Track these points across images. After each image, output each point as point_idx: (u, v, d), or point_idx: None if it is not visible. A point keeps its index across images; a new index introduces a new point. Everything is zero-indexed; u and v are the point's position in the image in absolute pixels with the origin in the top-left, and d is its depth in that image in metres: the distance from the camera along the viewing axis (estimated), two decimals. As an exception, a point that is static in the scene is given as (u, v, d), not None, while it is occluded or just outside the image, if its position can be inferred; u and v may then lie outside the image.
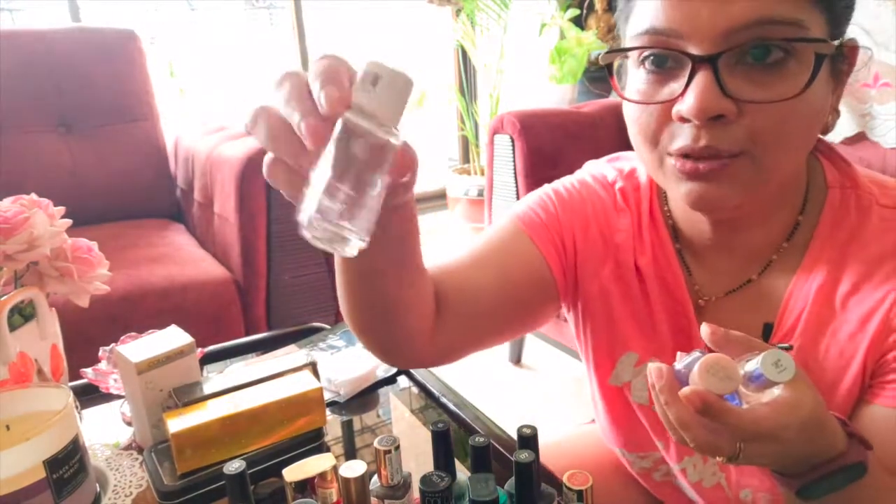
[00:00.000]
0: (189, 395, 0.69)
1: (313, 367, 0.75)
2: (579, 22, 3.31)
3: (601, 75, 3.37)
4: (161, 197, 1.99)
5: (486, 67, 3.23)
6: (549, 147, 1.91)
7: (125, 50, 1.98)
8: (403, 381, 0.90)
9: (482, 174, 3.17)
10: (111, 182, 1.90)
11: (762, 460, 0.45)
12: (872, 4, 1.60)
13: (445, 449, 0.54)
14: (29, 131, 1.83)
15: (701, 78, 0.47)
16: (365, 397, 0.86)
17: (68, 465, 0.57)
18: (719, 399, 0.41)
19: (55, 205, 0.77)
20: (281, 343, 0.99)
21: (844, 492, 0.46)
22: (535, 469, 0.50)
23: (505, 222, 0.66)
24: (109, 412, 0.82)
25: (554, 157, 1.92)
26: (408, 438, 0.77)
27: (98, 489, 0.63)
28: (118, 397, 0.81)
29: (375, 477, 0.53)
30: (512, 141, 1.91)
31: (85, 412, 0.82)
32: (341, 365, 0.87)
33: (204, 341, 0.84)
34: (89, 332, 1.08)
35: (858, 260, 0.54)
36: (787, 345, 0.54)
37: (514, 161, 1.92)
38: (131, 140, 1.96)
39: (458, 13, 3.25)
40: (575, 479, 0.49)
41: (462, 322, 0.63)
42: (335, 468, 0.53)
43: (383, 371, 0.89)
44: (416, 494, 0.52)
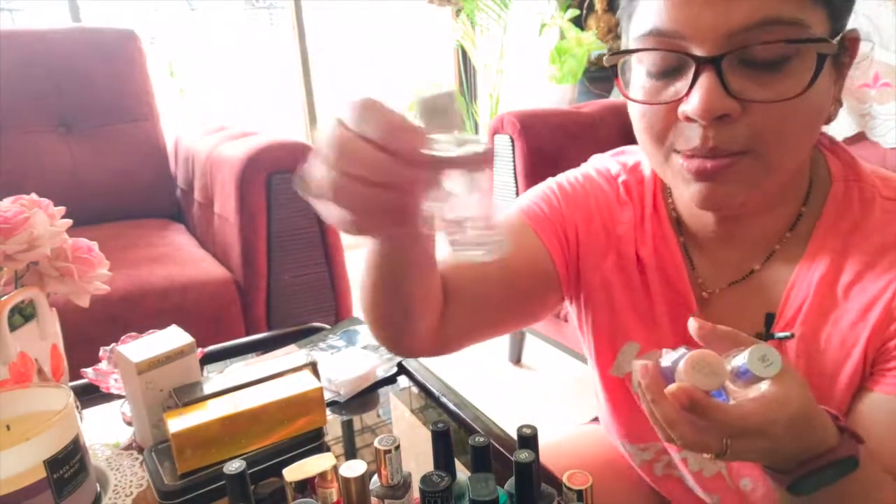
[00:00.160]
0: (189, 395, 0.69)
1: (313, 367, 0.75)
2: (579, 22, 3.32)
3: (601, 75, 3.37)
4: (161, 197, 1.99)
5: (486, 67, 3.23)
6: (549, 147, 1.91)
7: (125, 50, 1.98)
8: (403, 381, 0.90)
9: (482, 174, 3.17)
10: (111, 182, 1.90)
11: (751, 456, 0.45)
12: (873, 4, 1.60)
13: (445, 449, 0.54)
14: (29, 131, 1.83)
15: (705, 79, 0.48)
16: (365, 397, 0.86)
17: (69, 465, 0.57)
18: (706, 395, 0.41)
19: (55, 205, 0.77)
20: (281, 343, 0.99)
21: (835, 487, 0.46)
22: (535, 469, 0.50)
23: (509, 216, 0.68)
24: (110, 412, 0.82)
25: (554, 157, 1.92)
26: (408, 438, 0.77)
27: (98, 489, 0.63)
28: (118, 397, 0.81)
29: (375, 477, 0.53)
30: (512, 141, 1.91)
31: (85, 412, 0.82)
32: (341, 365, 0.87)
33: (204, 341, 0.84)
34: (89, 332, 1.08)
35: (861, 250, 0.54)
36: (789, 334, 0.54)
37: (514, 161, 1.92)
38: (131, 140, 1.96)
39: (458, 13, 3.25)
40: (575, 479, 0.49)
41: (467, 313, 0.64)
42: (335, 468, 0.53)
43: (383, 371, 0.89)
44: (416, 494, 0.52)
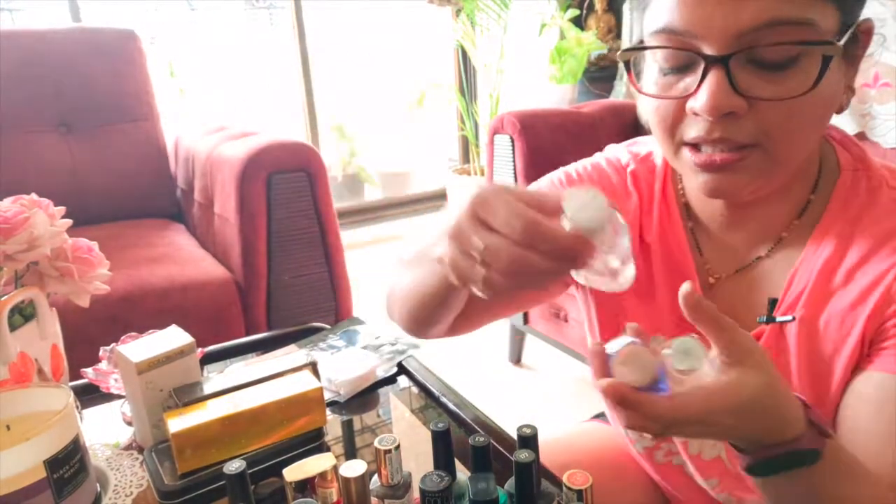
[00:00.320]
0: (189, 395, 0.69)
1: (313, 367, 0.75)
2: (579, 22, 3.32)
3: (601, 75, 3.37)
4: (161, 197, 1.99)
5: (486, 67, 3.23)
6: (549, 147, 1.91)
7: (125, 50, 1.98)
8: (403, 381, 0.90)
9: (482, 174, 3.17)
10: (111, 182, 1.90)
11: (696, 437, 0.46)
12: (874, 4, 1.60)
13: (445, 449, 0.54)
14: (29, 131, 1.83)
15: (713, 77, 0.49)
16: (365, 397, 0.86)
17: (69, 465, 0.57)
18: (633, 391, 0.42)
19: (55, 205, 0.77)
20: (281, 343, 0.99)
21: (801, 477, 0.46)
22: (535, 469, 0.50)
23: None
24: (110, 412, 0.82)
25: (554, 157, 1.91)
26: (408, 438, 0.77)
27: (98, 489, 0.63)
28: (118, 397, 0.81)
29: (375, 477, 0.53)
30: (512, 141, 1.91)
31: (85, 412, 0.82)
32: (341, 365, 0.87)
33: (204, 341, 0.84)
34: (90, 332, 1.08)
35: (865, 236, 0.55)
36: (789, 317, 0.56)
37: (514, 161, 1.92)
38: (131, 140, 1.96)
39: (458, 13, 3.25)
40: (575, 479, 0.49)
41: (477, 299, 0.66)
42: (335, 468, 0.53)
43: (383, 371, 0.89)
44: (416, 494, 0.52)
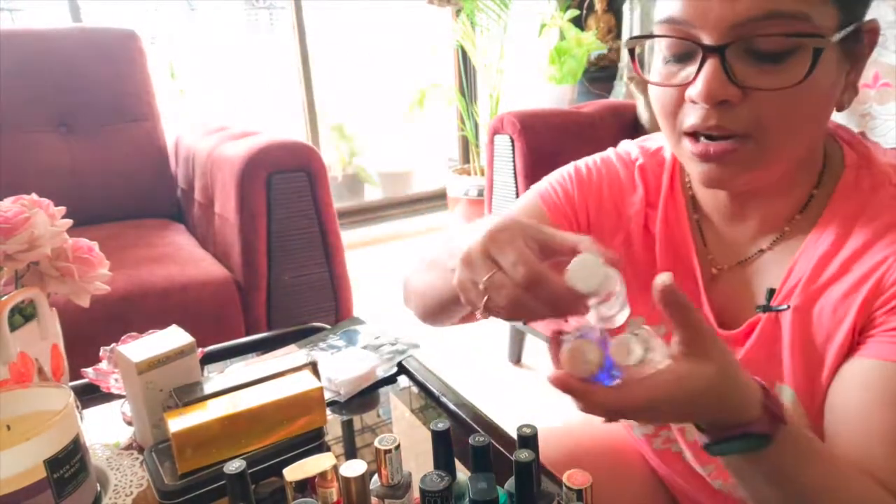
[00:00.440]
0: (189, 395, 0.69)
1: (313, 367, 0.75)
2: (579, 22, 3.32)
3: (601, 75, 3.38)
4: (161, 197, 1.99)
5: (486, 67, 3.23)
6: (549, 147, 1.91)
7: (125, 50, 1.98)
8: (403, 381, 0.90)
9: (482, 174, 3.17)
10: (111, 182, 1.90)
11: (649, 422, 0.49)
12: (874, 4, 1.60)
13: (445, 449, 0.54)
14: (29, 131, 1.83)
15: (710, 66, 0.52)
16: (365, 397, 0.86)
17: (69, 465, 0.57)
18: (579, 382, 0.44)
19: (56, 205, 0.77)
20: (281, 343, 1.00)
21: (757, 459, 0.48)
22: (536, 469, 0.50)
23: (528, 197, 0.74)
24: (110, 412, 0.82)
25: (554, 158, 1.91)
26: (408, 438, 0.77)
27: (99, 489, 0.63)
28: (119, 397, 0.81)
29: (375, 476, 0.54)
30: (512, 141, 1.91)
31: (85, 412, 0.82)
32: (341, 365, 0.87)
33: (204, 341, 0.84)
34: (90, 332, 1.08)
35: (863, 230, 0.57)
36: (785, 306, 0.59)
37: (514, 161, 1.92)
38: (132, 140, 1.96)
39: (458, 13, 3.25)
40: (575, 479, 0.49)
41: None
42: (335, 468, 0.53)
43: (383, 371, 0.89)
44: (416, 494, 0.52)
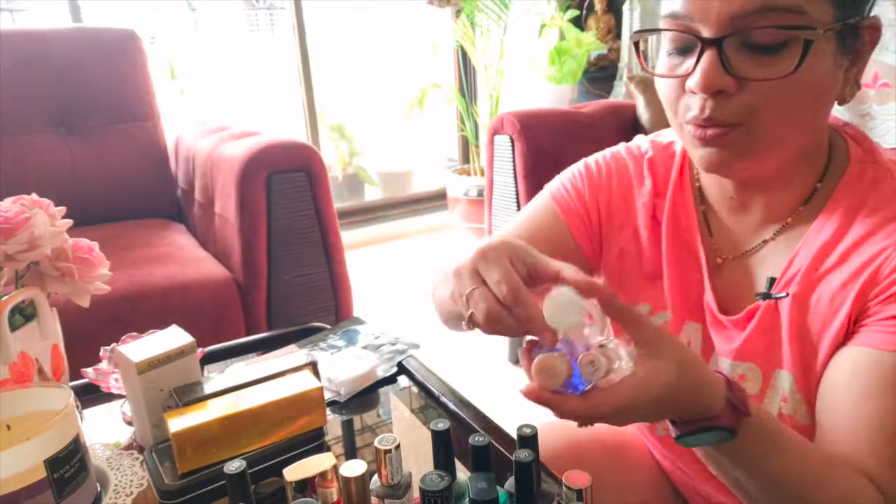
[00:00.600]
0: (190, 395, 0.69)
1: (313, 367, 0.76)
2: (579, 22, 3.32)
3: (601, 75, 3.38)
4: (162, 197, 1.99)
5: (486, 68, 3.23)
6: (549, 147, 1.92)
7: (125, 50, 1.98)
8: (403, 381, 0.90)
9: (482, 175, 3.17)
10: (112, 182, 1.90)
11: (620, 424, 0.50)
12: (886, 5, 1.60)
13: (445, 449, 0.54)
14: (29, 131, 1.83)
15: (707, 57, 0.54)
16: (365, 397, 0.86)
17: (69, 465, 0.57)
18: (549, 394, 0.46)
19: (56, 205, 0.77)
20: (281, 343, 1.00)
21: (723, 451, 0.51)
22: (535, 469, 0.50)
23: (541, 199, 0.77)
24: (110, 412, 0.82)
25: (554, 158, 1.92)
26: (408, 438, 0.77)
27: (99, 489, 0.63)
28: (119, 397, 0.81)
29: (375, 476, 0.54)
30: (512, 141, 1.91)
31: (86, 412, 0.82)
32: (341, 365, 0.87)
33: (204, 341, 0.84)
34: (90, 332, 1.08)
35: (863, 222, 0.58)
36: (784, 294, 0.61)
37: (514, 161, 1.92)
38: (132, 140, 1.96)
39: (458, 13, 3.25)
40: (574, 479, 0.49)
41: None
42: (335, 468, 0.53)
43: (383, 371, 0.89)
44: (416, 494, 0.52)
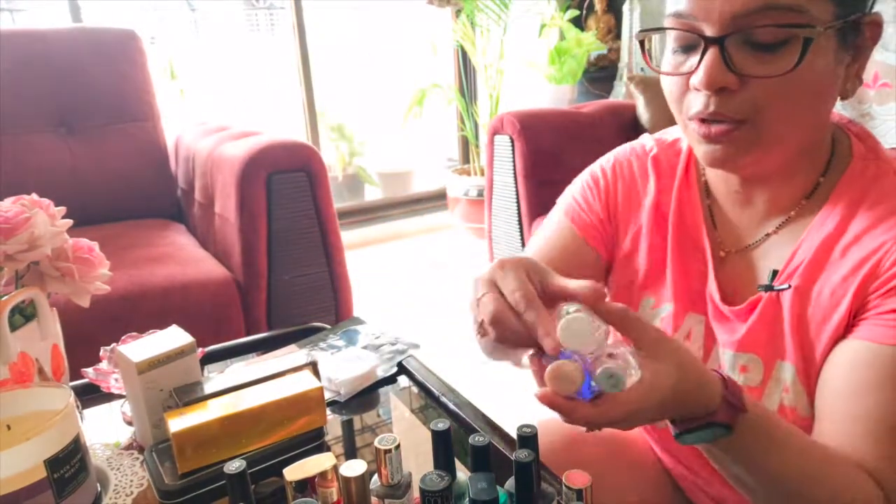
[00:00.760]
0: (190, 395, 0.69)
1: (313, 367, 0.76)
2: (579, 22, 3.32)
3: (601, 75, 3.38)
4: (162, 197, 1.99)
5: (486, 68, 3.23)
6: (549, 147, 1.92)
7: (125, 50, 1.98)
8: (403, 381, 0.90)
9: (482, 174, 3.17)
10: (112, 182, 1.90)
11: (628, 428, 0.51)
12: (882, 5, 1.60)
13: (445, 449, 0.54)
14: (29, 131, 1.83)
15: (710, 55, 0.55)
16: (365, 397, 0.86)
17: (69, 465, 0.57)
18: (564, 400, 0.46)
19: (56, 205, 0.77)
20: (281, 343, 1.00)
21: (721, 447, 0.52)
22: (535, 469, 0.50)
23: (555, 216, 0.78)
24: (110, 412, 0.82)
25: (554, 158, 1.92)
26: (408, 438, 0.77)
27: (99, 489, 0.63)
28: (119, 397, 0.81)
29: (375, 476, 0.54)
30: (512, 141, 1.91)
31: (86, 412, 0.82)
32: (341, 365, 0.87)
33: (204, 341, 0.84)
34: (90, 332, 1.08)
35: (865, 216, 0.59)
36: (786, 286, 0.62)
37: (514, 161, 1.92)
38: (132, 140, 1.96)
39: (458, 13, 3.25)
40: (574, 479, 0.49)
41: None
42: (335, 467, 0.53)
43: (383, 371, 0.89)
44: (416, 494, 0.52)
